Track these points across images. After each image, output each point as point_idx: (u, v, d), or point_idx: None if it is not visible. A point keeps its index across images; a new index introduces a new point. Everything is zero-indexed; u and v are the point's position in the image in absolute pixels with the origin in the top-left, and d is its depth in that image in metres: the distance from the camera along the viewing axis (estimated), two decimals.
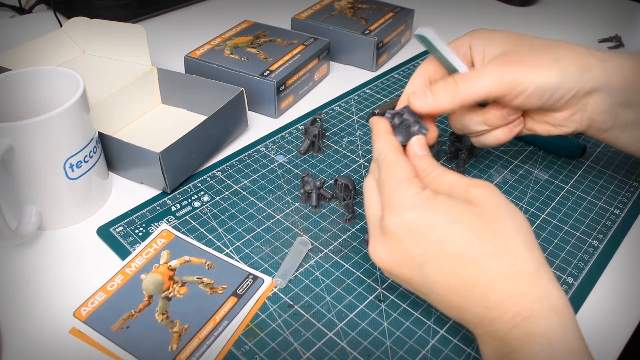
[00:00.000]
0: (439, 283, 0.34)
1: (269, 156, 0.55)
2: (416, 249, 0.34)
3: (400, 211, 0.34)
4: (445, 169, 0.37)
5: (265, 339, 0.39)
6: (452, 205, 0.34)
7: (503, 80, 0.39)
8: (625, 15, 0.86)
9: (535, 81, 0.39)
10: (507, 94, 0.39)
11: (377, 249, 0.36)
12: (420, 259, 0.34)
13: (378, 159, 0.38)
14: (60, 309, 0.40)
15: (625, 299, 0.42)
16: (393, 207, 0.35)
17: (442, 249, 0.33)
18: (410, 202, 0.34)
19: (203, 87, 0.58)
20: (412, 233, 0.34)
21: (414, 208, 0.34)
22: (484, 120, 0.42)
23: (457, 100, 0.40)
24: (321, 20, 0.71)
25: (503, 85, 0.39)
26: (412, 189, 0.35)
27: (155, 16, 0.84)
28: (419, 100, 0.40)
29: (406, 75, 0.69)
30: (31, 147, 0.42)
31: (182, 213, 0.49)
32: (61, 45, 0.64)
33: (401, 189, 0.35)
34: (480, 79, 0.39)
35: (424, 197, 0.34)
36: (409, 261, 0.35)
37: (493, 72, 0.39)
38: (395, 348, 0.38)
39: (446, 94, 0.40)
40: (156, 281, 0.42)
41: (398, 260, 0.35)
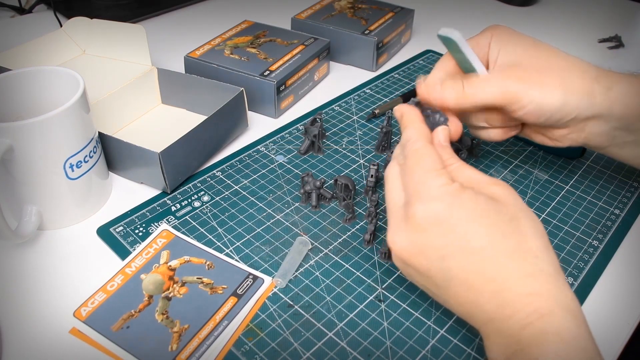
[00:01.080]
0: (458, 277, 0.34)
1: (269, 156, 0.55)
2: (440, 240, 0.34)
3: (428, 200, 0.34)
4: (464, 163, 0.37)
5: (265, 339, 0.39)
6: (479, 200, 0.34)
7: (506, 92, 0.40)
8: (625, 15, 0.86)
9: (536, 100, 0.40)
10: (508, 105, 0.41)
11: (397, 236, 0.36)
12: (442, 250, 0.34)
13: (406, 145, 0.38)
14: (60, 309, 0.40)
15: (625, 299, 0.42)
16: (420, 196, 0.35)
17: (467, 243, 0.33)
18: (439, 192, 0.34)
19: (203, 87, 0.58)
20: (438, 224, 0.34)
21: (442, 199, 0.34)
22: (485, 118, 0.44)
23: (461, 102, 0.41)
24: (321, 20, 0.71)
25: (505, 97, 0.40)
26: (442, 179, 0.35)
27: (155, 16, 0.84)
28: (429, 88, 0.41)
29: (406, 75, 0.69)
30: (31, 147, 0.42)
31: (182, 213, 0.49)
32: (61, 45, 0.64)
33: (430, 178, 0.35)
34: (485, 87, 0.40)
35: (453, 190, 0.34)
36: (430, 252, 0.34)
37: (498, 82, 0.40)
38: (395, 348, 0.38)
39: (453, 93, 0.41)
40: (156, 281, 0.42)
41: (418, 249, 0.35)
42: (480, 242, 0.33)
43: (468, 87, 0.41)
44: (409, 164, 0.37)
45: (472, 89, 0.40)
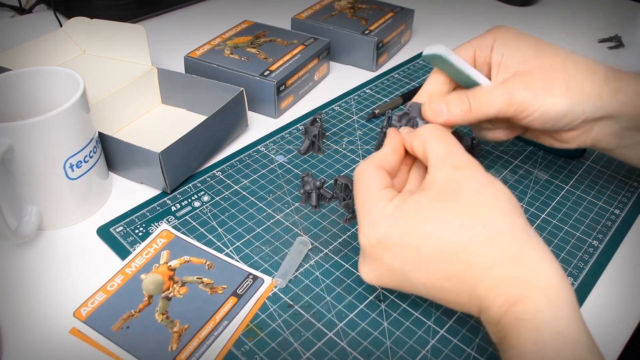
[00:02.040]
0: (430, 286, 0.34)
1: (269, 156, 0.55)
2: (395, 261, 0.34)
3: (371, 228, 0.34)
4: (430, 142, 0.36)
5: (265, 339, 0.39)
6: (421, 205, 0.34)
7: (513, 102, 0.40)
8: (625, 15, 0.86)
9: (543, 107, 0.40)
10: (515, 115, 0.41)
11: (362, 269, 0.37)
12: (402, 269, 0.34)
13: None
14: (60, 309, 0.40)
15: (625, 299, 0.42)
16: (364, 226, 0.35)
17: (419, 254, 0.33)
18: (379, 217, 0.34)
19: (203, 87, 0.58)
20: (386, 247, 0.34)
21: (382, 222, 0.34)
22: (490, 120, 0.44)
23: (468, 118, 0.41)
24: (321, 20, 0.71)
25: (512, 107, 0.40)
26: (380, 203, 0.35)
27: (155, 16, 0.84)
28: (434, 111, 0.41)
29: (406, 75, 0.69)
30: (31, 147, 0.42)
31: (182, 213, 0.49)
32: (61, 45, 0.64)
33: (369, 207, 0.35)
34: (492, 101, 0.40)
35: (392, 209, 0.34)
36: (393, 274, 0.35)
37: (504, 94, 0.40)
38: (395, 348, 0.38)
39: (459, 110, 0.40)
40: (156, 281, 0.42)
41: (384, 275, 0.35)
42: (431, 247, 0.33)
43: (474, 102, 0.40)
44: (354, 191, 0.37)
45: (478, 103, 0.40)
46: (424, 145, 0.36)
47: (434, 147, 0.36)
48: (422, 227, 0.33)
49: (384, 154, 0.38)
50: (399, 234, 0.33)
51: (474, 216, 0.32)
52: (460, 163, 0.35)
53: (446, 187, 0.34)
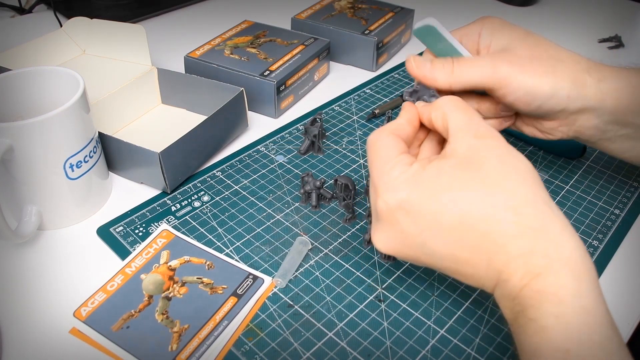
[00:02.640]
0: (447, 256, 0.33)
1: (269, 156, 0.55)
2: (413, 227, 0.33)
3: (389, 192, 0.34)
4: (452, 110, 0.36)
5: (265, 339, 0.39)
6: (442, 172, 0.33)
7: (495, 74, 0.39)
8: (625, 15, 0.86)
9: (526, 85, 0.39)
10: (498, 89, 0.40)
11: (376, 236, 0.36)
12: (419, 237, 0.33)
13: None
14: (60, 309, 0.40)
15: (625, 299, 0.42)
16: (382, 190, 0.34)
17: (439, 222, 0.32)
18: (398, 181, 0.33)
19: (203, 87, 0.58)
20: (405, 212, 0.33)
21: (402, 186, 0.33)
22: (478, 108, 0.43)
23: (450, 80, 0.40)
24: (321, 20, 0.71)
25: (494, 79, 0.39)
26: (399, 167, 0.34)
27: (155, 16, 0.84)
28: (419, 65, 0.41)
29: (406, 75, 0.69)
30: (31, 147, 0.42)
31: (182, 213, 0.49)
32: (61, 45, 0.64)
33: (385, 171, 0.34)
34: (474, 67, 0.40)
35: (412, 173, 0.33)
36: (409, 241, 0.34)
37: (488, 64, 0.40)
38: (395, 348, 0.38)
39: (442, 71, 0.40)
40: (156, 281, 0.42)
41: (399, 243, 0.34)
42: (451, 216, 0.32)
43: (458, 66, 0.40)
44: (368, 158, 0.37)
45: (462, 68, 0.40)
46: (443, 116, 0.36)
47: (454, 116, 0.35)
48: (443, 194, 0.32)
49: (399, 124, 0.38)
50: (419, 199, 0.33)
51: (496, 185, 0.32)
52: (481, 132, 0.34)
53: (468, 155, 0.33)
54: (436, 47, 0.42)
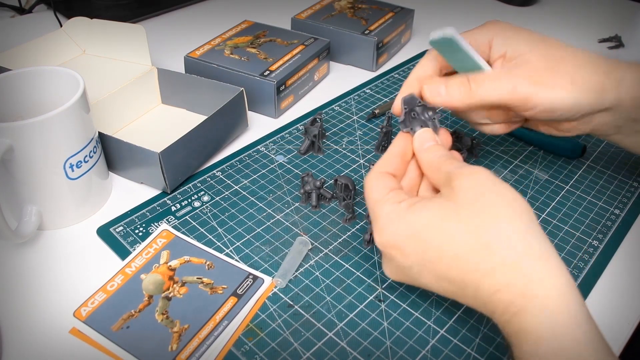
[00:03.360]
0: (437, 287, 0.35)
1: (269, 156, 0.55)
2: (404, 261, 0.35)
3: (380, 230, 0.35)
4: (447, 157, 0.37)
5: (265, 339, 0.39)
6: (425, 209, 0.34)
7: (516, 93, 0.39)
8: (625, 15, 0.86)
9: (547, 101, 0.39)
10: (518, 106, 0.40)
11: (383, 267, 0.38)
12: (411, 270, 0.35)
13: None
14: (60, 309, 0.40)
15: (626, 299, 0.42)
16: (375, 227, 0.36)
17: (424, 257, 0.34)
18: (387, 219, 0.35)
19: (203, 87, 0.58)
20: (396, 249, 0.35)
21: (390, 226, 0.35)
22: (489, 114, 0.43)
23: (468, 102, 0.40)
24: (321, 20, 0.71)
25: (515, 98, 0.39)
26: (387, 205, 0.35)
27: (155, 16, 0.84)
28: (432, 92, 0.40)
29: (406, 75, 0.69)
30: (31, 147, 0.42)
31: (182, 213, 0.49)
32: (61, 45, 0.64)
33: (377, 209, 0.36)
34: (494, 88, 0.39)
35: (399, 211, 0.35)
36: (405, 273, 0.36)
37: (509, 83, 0.39)
38: (395, 348, 0.38)
39: (459, 94, 0.40)
40: (156, 281, 0.42)
41: (399, 274, 0.37)
42: (433, 252, 0.33)
43: (476, 86, 0.39)
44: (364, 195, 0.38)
45: (479, 88, 0.39)
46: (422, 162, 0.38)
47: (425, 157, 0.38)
48: (423, 233, 0.33)
49: (387, 159, 0.39)
50: (404, 237, 0.34)
51: (472, 221, 0.32)
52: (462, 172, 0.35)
53: (449, 192, 0.34)
54: (453, 58, 0.41)
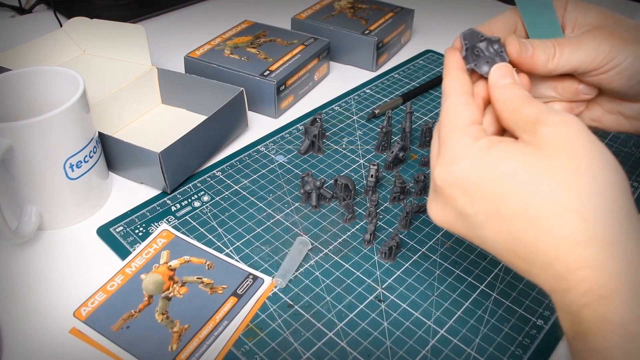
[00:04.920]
0: (501, 246, 0.30)
1: (269, 156, 0.55)
2: (469, 207, 0.30)
3: (450, 163, 0.31)
4: (529, 98, 0.31)
5: (265, 339, 0.39)
6: (510, 154, 0.29)
7: (599, 52, 0.35)
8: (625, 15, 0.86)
9: (631, 57, 0.35)
10: (600, 67, 0.35)
11: (431, 205, 0.33)
12: (474, 219, 0.30)
13: (442, 99, 0.34)
14: (60, 309, 0.40)
15: None
16: (443, 158, 0.31)
17: (498, 209, 0.29)
18: (462, 154, 0.30)
19: (203, 87, 0.58)
20: (463, 190, 0.30)
21: (464, 161, 0.30)
22: (555, 87, 0.38)
23: (550, 65, 0.36)
24: (321, 20, 0.71)
25: (598, 58, 0.35)
26: (466, 139, 0.31)
27: (155, 16, 0.84)
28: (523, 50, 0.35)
29: (406, 75, 0.69)
30: (31, 147, 0.42)
31: (182, 213, 0.49)
32: (61, 45, 0.64)
33: (454, 139, 0.31)
34: (577, 49, 0.35)
35: (478, 148, 0.30)
36: (463, 221, 0.31)
37: (591, 43, 0.35)
38: (395, 348, 0.38)
39: (543, 55, 0.35)
40: (156, 281, 0.42)
41: (452, 219, 0.32)
42: (512, 205, 0.28)
43: (560, 51, 0.35)
44: (439, 122, 0.33)
45: (563, 49, 0.35)
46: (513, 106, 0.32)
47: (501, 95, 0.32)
48: (507, 180, 0.29)
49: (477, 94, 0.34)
50: (479, 179, 0.30)
51: (568, 182, 0.27)
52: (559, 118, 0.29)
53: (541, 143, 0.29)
54: (534, 21, 0.37)
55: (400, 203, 0.50)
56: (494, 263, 0.44)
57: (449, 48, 0.36)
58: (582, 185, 0.27)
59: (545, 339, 0.39)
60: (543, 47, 0.35)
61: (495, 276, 0.43)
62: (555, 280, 0.28)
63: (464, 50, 0.36)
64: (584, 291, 0.26)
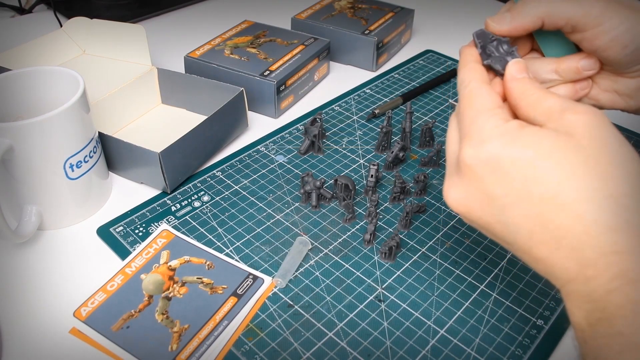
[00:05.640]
0: (524, 231, 0.29)
1: (269, 156, 0.55)
2: (497, 188, 0.30)
3: (480, 143, 0.30)
4: (547, 91, 0.31)
5: (265, 339, 0.39)
6: (543, 137, 0.29)
7: (592, 8, 0.34)
8: None
9: (626, 22, 0.34)
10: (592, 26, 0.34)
11: (451, 190, 0.32)
12: (501, 200, 0.30)
13: (459, 89, 0.34)
14: (60, 309, 0.40)
15: None
16: (471, 138, 0.31)
17: (529, 190, 0.28)
18: (491, 134, 0.30)
19: (203, 87, 0.58)
20: (492, 169, 0.30)
21: (496, 140, 0.30)
22: (556, 69, 0.38)
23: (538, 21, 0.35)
24: (321, 20, 0.71)
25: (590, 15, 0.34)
26: (495, 119, 0.30)
27: (155, 16, 0.84)
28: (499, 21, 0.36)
29: (406, 75, 0.69)
30: (31, 147, 0.42)
31: (182, 213, 0.49)
32: (61, 45, 0.64)
33: (482, 119, 0.31)
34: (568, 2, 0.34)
35: (509, 129, 0.30)
36: (487, 203, 0.30)
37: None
38: (395, 348, 0.38)
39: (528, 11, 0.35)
40: (156, 281, 0.42)
41: (475, 201, 0.31)
42: (544, 187, 0.28)
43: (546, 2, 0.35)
44: (460, 107, 0.33)
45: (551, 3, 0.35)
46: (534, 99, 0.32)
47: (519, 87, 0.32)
48: (540, 162, 0.28)
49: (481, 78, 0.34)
50: (510, 159, 0.29)
51: (600, 168, 0.28)
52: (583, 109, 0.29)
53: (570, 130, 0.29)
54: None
55: (400, 203, 0.50)
56: (494, 263, 0.44)
57: (464, 45, 0.37)
58: (614, 172, 0.27)
59: (545, 339, 0.39)
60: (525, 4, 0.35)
61: (495, 276, 0.43)
62: (579, 267, 0.27)
63: (480, 48, 0.36)
64: (612, 276, 0.26)
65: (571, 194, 0.27)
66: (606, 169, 0.28)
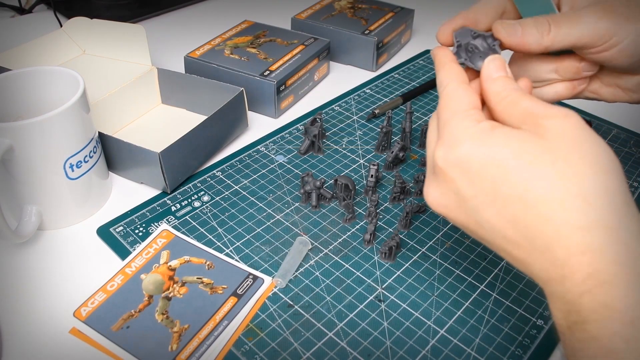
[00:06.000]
0: (498, 231, 0.29)
1: (269, 156, 0.55)
2: (468, 189, 0.30)
3: (452, 144, 0.30)
4: (524, 92, 0.31)
5: (265, 339, 0.39)
6: (513, 138, 0.29)
7: (597, 29, 0.34)
8: None
9: (633, 34, 0.34)
10: (599, 44, 0.35)
11: (429, 190, 0.33)
12: (472, 201, 0.30)
13: (439, 90, 0.34)
14: (60, 309, 0.40)
15: None
16: (444, 140, 0.31)
17: (498, 191, 0.29)
18: (464, 135, 0.30)
19: (203, 87, 0.58)
20: (463, 170, 0.30)
21: (466, 141, 0.30)
22: (556, 69, 0.38)
23: (545, 43, 0.35)
24: (321, 20, 0.71)
25: (596, 35, 0.34)
26: (468, 121, 0.31)
27: (155, 16, 0.84)
28: (508, 31, 0.35)
29: (406, 75, 0.69)
30: (31, 147, 0.42)
31: (182, 213, 0.49)
32: (61, 45, 0.64)
33: (455, 121, 0.31)
34: (574, 25, 0.35)
35: (480, 130, 0.30)
36: (462, 204, 0.31)
37: (589, 19, 0.34)
38: (395, 348, 0.38)
39: (536, 33, 0.35)
40: (156, 281, 0.42)
41: (451, 202, 0.31)
42: (514, 188, 0.28)
43: (556, 27, 0.34)
44: (438, 108, 0.33)
45: (559, 26, 0.34)
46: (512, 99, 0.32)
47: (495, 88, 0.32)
48: (509, 163, 0.28)
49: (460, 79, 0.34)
50: (480, 160, 0.29)
51: (570, 168, 0.27)
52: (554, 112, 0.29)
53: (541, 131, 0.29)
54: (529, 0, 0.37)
55: (400, 203, 0.50)
56: (494, 263, 0.44)
57: (436, 47, 0.37)
58: (585, 172, 0.27)
59: (545, 339, 0.39)
60: (535, 24, 0.35)
61: (495, 276, 0.43)
62: (554, 267, 0.27)
63: (455, 47, 0.36)
64: (584, 277, 0.26)
65: (540, 195, 0.27)
66: (576, 170, 0.27)
